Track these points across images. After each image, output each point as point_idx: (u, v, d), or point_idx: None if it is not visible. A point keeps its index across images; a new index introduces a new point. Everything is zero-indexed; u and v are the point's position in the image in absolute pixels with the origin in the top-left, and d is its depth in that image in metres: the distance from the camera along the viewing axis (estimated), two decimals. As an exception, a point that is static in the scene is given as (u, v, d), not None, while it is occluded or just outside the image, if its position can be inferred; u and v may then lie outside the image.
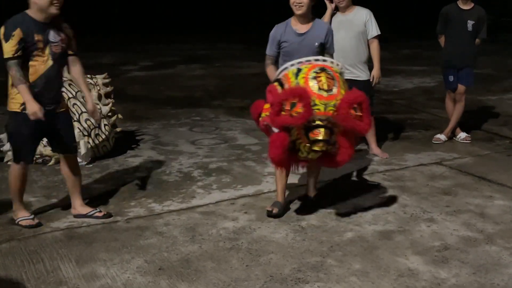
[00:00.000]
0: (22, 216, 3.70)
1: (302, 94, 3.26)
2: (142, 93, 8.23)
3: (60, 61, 3.60)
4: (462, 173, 4.79)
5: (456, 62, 5.54)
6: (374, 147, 5.31)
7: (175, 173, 4.79)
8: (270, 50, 3.96)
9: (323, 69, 3.43)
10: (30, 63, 3.45)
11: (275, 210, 3.86)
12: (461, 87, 5.60)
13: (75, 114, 4.82)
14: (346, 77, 3.80)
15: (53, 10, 3.44)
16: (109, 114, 5.13)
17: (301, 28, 3.87)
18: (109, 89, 5.28)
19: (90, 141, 4.88)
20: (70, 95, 4.91)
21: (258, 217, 3.87)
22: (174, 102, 7.72)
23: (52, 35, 3.50)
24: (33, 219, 3.70)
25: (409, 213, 3.95)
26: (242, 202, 4.16)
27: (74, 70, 3.70)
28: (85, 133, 4.84)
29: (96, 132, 4.93)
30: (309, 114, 3.26)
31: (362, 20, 4.99)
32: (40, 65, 3.48)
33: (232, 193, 4.34)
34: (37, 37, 3.42)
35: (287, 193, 4.07)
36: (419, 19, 17.08)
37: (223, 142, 5.79)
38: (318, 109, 3.30)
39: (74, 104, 4.87)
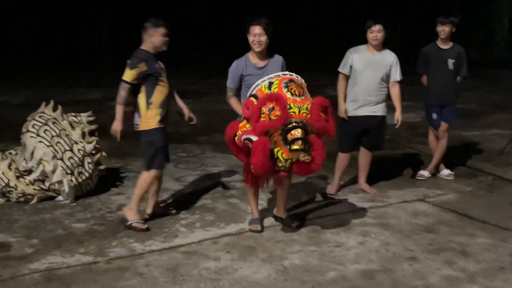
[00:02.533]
0: (134, 219, 4.30)
1: (278, 98, 3.63)
2: (128, 129, 8.22)
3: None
4: (445, 210, 4.81)
5: (439, 100, 5.64)
6: (362, 182, 5.35)
7: (158, 211, 4.76)
8: (232, 83, 4.34)
9: (291, 80, 3.85)
10: (157, 87, 4.27)
11: (258, 227, 4.28)
12: (444, 125, 5.68)
13: (58, 153, 4.82)
14: (364, 114, 4.60)
15: (164, 48, 4.33)
16: (93, 152, 5.12)
17: (260, 62, 4.29)
18: (93, 127, 5.29)
19: (73, 179, 4.86)
20: (54, 133, 4.91)
21: (240, 256, 3.85)
22: (161, 138, 7.70)
23: (161, 65, 4.37)
24: (143, 223, 4.31)
25: (392, 251, 3.94)
26: (225, 241, 4.14)
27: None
28: (68, 172, 4.83)
29: (80, 170, 4.92)
30: (286, 115, 3.60)
31: (389, 62, 5.07)
32: (164, 88, 4.31)
33: (215, 231, 4.32)
34: (157, 65, 4.27)
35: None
36: (404, 55, 17.39)
37: (208, 178, 5.79)
38: (293, 112, 3.66)
39: (58, 142, 4.87)
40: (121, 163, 6.23)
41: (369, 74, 5.02)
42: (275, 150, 3.69)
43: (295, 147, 3.64)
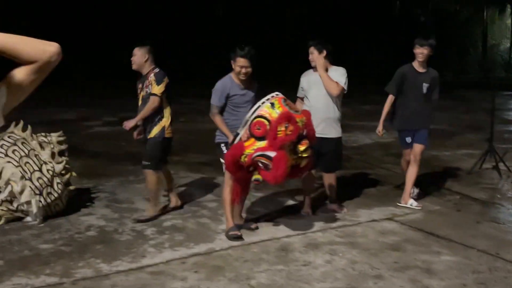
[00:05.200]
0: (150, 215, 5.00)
1: (290, 117, 4.15)
2: (102, 149, 8.21)
3: None
4: (412, 229, 4.88)
5: (413, 124, 5.51)
6: (332, 202, 5.41)
7: (127, 231, 4.75)
8: (219, 101, 4.68)
9: (285, 99, 4.36)
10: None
11: (239, 233, 4.56)
12: (417, 146, 5.53)
13: (26, 173, 4.79)
14: (316, 135, 4.64)
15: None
16: (63, 172, 5.10)
17: (242, 84, 4.72)
18: (63, 147, 5.28)
19: (42, 199, 4.83)
20: (23, 154, 4.88)
21: (207, 276, 3.85)
22: (134, 158, 7.66)
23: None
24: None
25: (358, 269, 3.99)
26: (193, 260, 4.14)
27: None
28: (37, 192, 4.79)
29: (48, 190, 4.89)
30: (298, 130, 4.16)
31: (336, 78, 5.02)
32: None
33: (184, 251, 4.32)
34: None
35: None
36: (379, 75, 17.73)
37: (180, 198, 5.77)
38: (299, 125, 4.20)
39: (27, 162, 4.84)
40: (92, 184, 6.20)
41: (316, 93, 5.09)
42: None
43: (306, 154, 4.23)
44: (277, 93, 4.39)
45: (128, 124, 4.97)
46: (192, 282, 3.75)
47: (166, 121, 5.00)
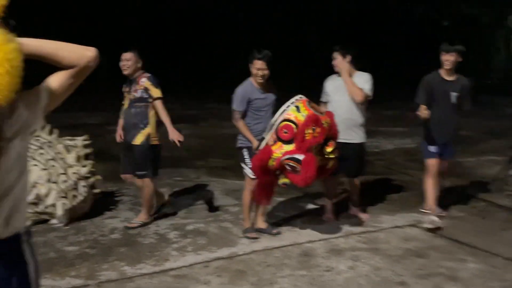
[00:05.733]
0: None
1: (317, 119, 4.21)
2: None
3: None
4: (436, 236, 4.83)
5: (439, 138, 5.12)
6: (355, 207, 5.39)
7: (151, 234, 4.79)
8: (241, 106, 4.69)
9: (309, 102, 4.38)
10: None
11: (255, 235, 4.69)
12: (444, 162, 5.23)
13: (52, 176, 4.86)
14: (339, 140, 4.63)
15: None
16: (88, 175, 5.17)
17: (262, 87, 4.73)
18: (88, 150, 5.35)
19: (67, 202, 4.90)
20: (49, 157, 4.96)
21: (230, 280, 3.86)
22: (157, 162, 7.76)
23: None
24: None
25: (381, 276, 3.96)
26: (215, 265, 4.15)
27: None
28: (62, 195, 4.87)
29: (74, 193, 4.96)
30: (325, 131, 4.22)
31: (360, 84, 4.98)
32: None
33: (207, 255, 4.34)
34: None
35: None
36: (401, 81, 17.59)
37: (202, 203, 5.82)
38: (325, 127, 4.26)
39: (53, 165, 4.92)
40: (116, 187, 6.26)
41: (339, 97, 5.06)
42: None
43: (333, 155, 4.31)
44: (300, 96, 4.42)
45: (178, 137, 4.92)
46: (215, 286, 3.76)
47: (151, 128, 4.91)
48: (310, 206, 5.76)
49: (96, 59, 1.80)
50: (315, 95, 5.34)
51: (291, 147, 4.17)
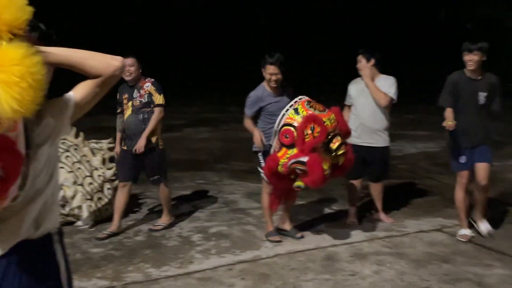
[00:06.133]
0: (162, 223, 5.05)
1: (315, 118, 4.11)
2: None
3: None
4: (462, 241, 4.76)
5: (468, 142, 4.66)
6: (379, 212, 5.34)
7: (174, 237, 4.82)
8: (250, 111, 4.72)
9: (309, 101, 4.32)
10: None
11: (278, 238, 4.69)
12: (481, 165, 4.63)
13: (78, 178, 4.93)
14: (363, 144, 4.73)
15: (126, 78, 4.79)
16: (113, 178, 5.23)
17: (276, 91, 4.74)
18: (113, 153, 5.40)
19: (93, 204, 4.97)
20: (75, 160, 5.03)
21: (254, 283, 3.87)
22: (179, 165, 7.81)
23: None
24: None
25: (407, 281, 3.92)
26: (239, 267, 4.16)
27: None
28: (88, 197, 4.93)
29: (99, 195, 5.02)
30: (326, 129, 4.09)
31: (385, 87, 4.97)
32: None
33: (230, 258, 4.35)
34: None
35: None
36: (423, 84, 17.44)
37: (225, 206, 5.84)
38: (327, 124, 4.14)
39: (78, 168, 4.99)
40: (139, 190, 6.31)
41: (364, 101, 5.04)
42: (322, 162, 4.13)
43: (341, 151, 4.16)
44: (300, 97, 4.39)
45: (141, 146, 4.75)
46: (240, 289, 3.77)
47: (158, 133, 4.88)
48: (333, 210, 5.74)
49: (123, 68, 1.84)
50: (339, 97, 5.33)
51: (294, 150, 4.14)
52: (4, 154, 1.59)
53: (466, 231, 4.80)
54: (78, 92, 1.82)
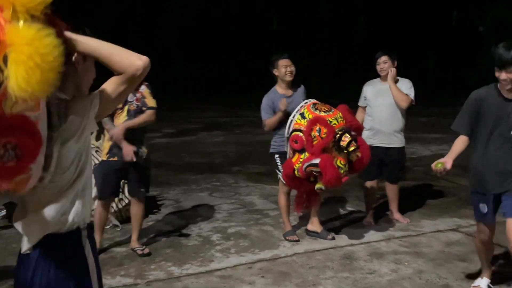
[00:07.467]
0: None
1: (318, 119, 4.20)
2: (164, 159, 8.46)
3: None
4: (478, 240, 4.79)
5: (493, 186, 3.42)
6: (395, 212, 5.39)
7: (194, 237, 4.91)
8: (267, 116, 4.80)
9: (315, 103, 4.42)
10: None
11: (296, 237, 4.79)
12: (510, 222, 3.31)
13: (100, 179, 5.02)
14: (380, 145, 4.85)
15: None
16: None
17: (287, 92, 4.83)
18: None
19: (114, 205, 5.07)
20: (97, 162, 5.14)
21: (274, 281, 3.94)
22: (195, 168, 7.94)
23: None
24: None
25: (425, 279, 3.97)
26: (259, 266, 4.24)
27: None
28: (109, 198, 5.03)
29: (120, 197, 5.13)
30: (332, 128, 4.15)
31: (405, 89, 5.04)
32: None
33: (250, 257, 4.42)
34: None
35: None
36: (436, 87, 17.42)
37: (242, 207, 5.93)
38: (334, 124, 4.22)
39: (100, 169, 5.08)
40: (157, 192, 6.42)
41: (381, 102, 5.12)
42: (335, 161, 4.19)
43: (351, 148, 4.19)
44: (306, 101, 4.50)
45: (130, 152, 4.29)
46: (260, 287, 3.84)
47: (145, 141, 4.55)
48: (349, 210, 5.80)
49: (146, 68, 1.79)
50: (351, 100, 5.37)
51: (306, 154, 4.22)
52: (21, 133, 1.59)
53: (482, 282, 3.76)
54: (104, 90, 1.83)
